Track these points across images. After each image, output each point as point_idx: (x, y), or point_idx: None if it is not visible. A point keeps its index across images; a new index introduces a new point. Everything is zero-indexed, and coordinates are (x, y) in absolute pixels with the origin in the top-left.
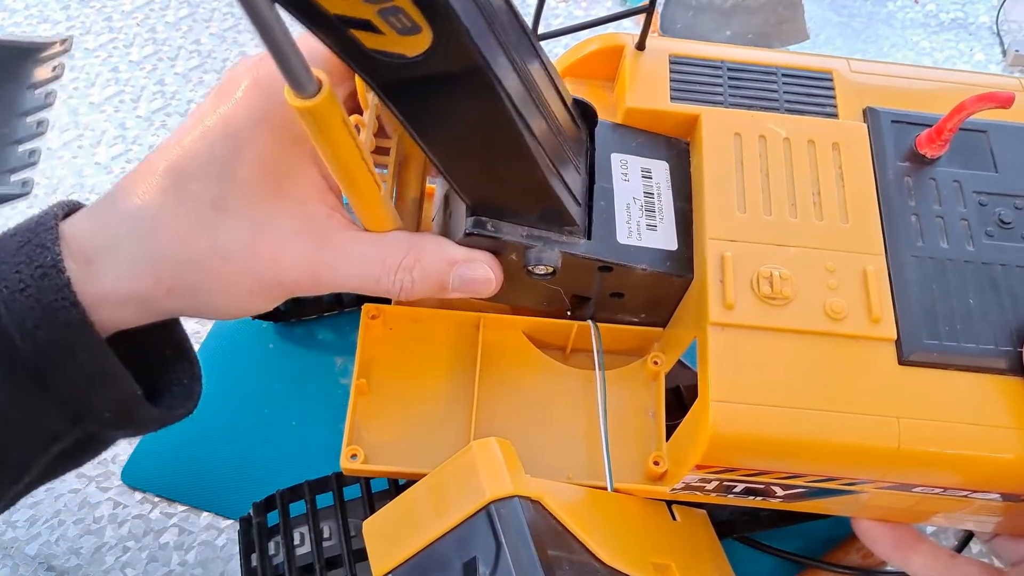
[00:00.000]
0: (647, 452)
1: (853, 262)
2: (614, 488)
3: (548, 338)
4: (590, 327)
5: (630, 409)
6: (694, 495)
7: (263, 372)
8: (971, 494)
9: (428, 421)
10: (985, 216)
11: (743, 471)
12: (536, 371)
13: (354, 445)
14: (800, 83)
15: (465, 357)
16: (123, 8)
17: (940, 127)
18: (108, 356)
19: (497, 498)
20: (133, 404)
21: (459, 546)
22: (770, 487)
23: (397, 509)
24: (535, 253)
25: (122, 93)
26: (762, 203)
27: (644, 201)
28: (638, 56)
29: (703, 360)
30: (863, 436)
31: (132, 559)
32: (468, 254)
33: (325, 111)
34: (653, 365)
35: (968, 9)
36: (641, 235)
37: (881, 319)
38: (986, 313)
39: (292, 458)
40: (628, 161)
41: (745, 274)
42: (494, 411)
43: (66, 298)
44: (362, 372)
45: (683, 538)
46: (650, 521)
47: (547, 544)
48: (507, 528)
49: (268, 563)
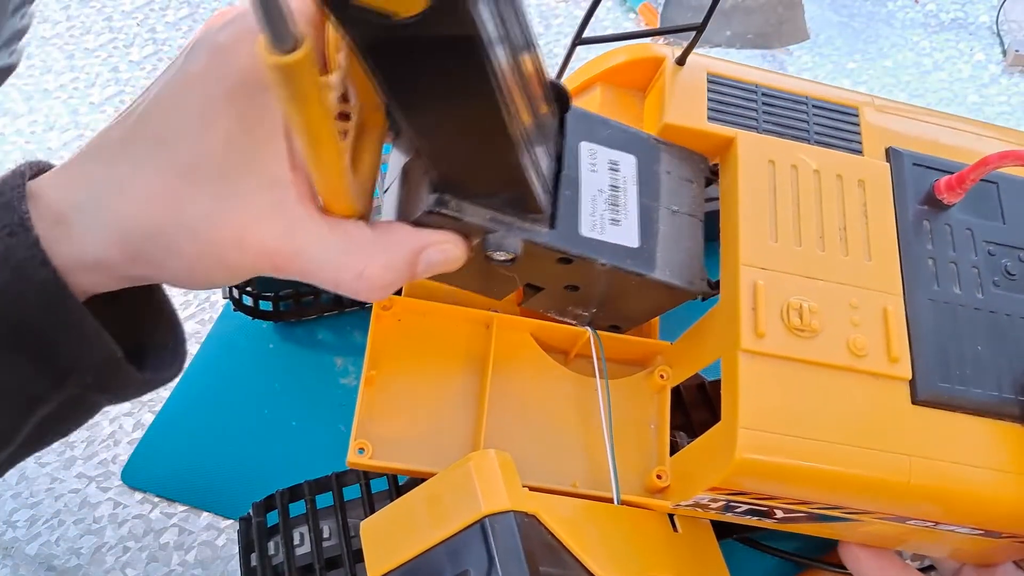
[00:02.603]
0: (647, 464)
1: (875, 300)
2: (620, 501)
3: (553, 341)
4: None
5: (631, 420)
6: (695, 511)
7: (263, 372)
8: (957, 528)
9: (436, 419)
10: (993, 266)
11: (754, 495)
12: (543, 375)
13: (362, 439)
14: (828, 116)
15: (475, 356)
16: (123, 8)
17: (962, 177)
18: (85, 316)
19: (492, 512)
20: (115, 366)
21: (452, 558)
22: (772, 510)
23: (395, 513)
24: (497, 239)
25: (122, 93)
26: (793, 233)
27: (610, 194)
28: (677, 71)
29: (731, 385)
30: (878, 470)
31: (132, 559)
32: (433, 236)
33: (302, 70)
34: (659, 379)
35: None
36: (604, 229)
37: (899, 358)
38: (994, 361)
39: (292, 458)
40: (597, 151)
41: (776, 303)
42: (503, 414)
43: (35, 256)
44: (372, 364)
45: (684, 550)
46: (650, 534)
47: (541, 560)
48: (500, 543)
49: (268, 563)
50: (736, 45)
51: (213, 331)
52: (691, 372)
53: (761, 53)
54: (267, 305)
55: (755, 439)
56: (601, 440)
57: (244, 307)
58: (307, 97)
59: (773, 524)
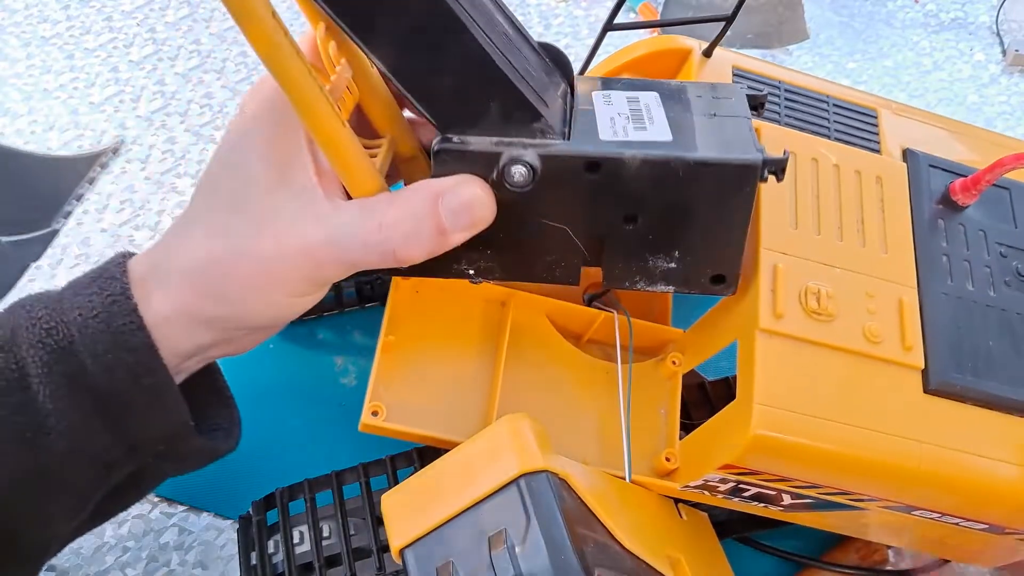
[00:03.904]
0: (656, 447)
1: (890, 291)
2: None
3: (569, 324)
4: (614, 318)
5: (642, 404)
6: (703, 495)
7: (263, 372)
8: (962, 522)
9: (450, 388)
10: (1005, 267)
11: (765, 475)
12: (557, 355)
13: (376, 402)
14: (848, 115)
15: (490, 331)
16: (123, 8)
17: (977, 178)
18: (169, 381)
19: (527, 471)
20: (185, 435)
21: (486, 519)
22: (780, 494)
23: (420, 483)
24: (509, 154)
25: (122, 93)
26: (812, 222)
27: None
28: (704, 63)
29: (747, 364)
30: (888, 454)
31: (132, 559)
32: (448, 181)
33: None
34: (672, 365)
35: (968, 9)
36: (628, 133)
37: (913, 347)
38: (1005, 356)
39: (292, 458)
40: (611, 95)
41: (794, 287)
42: (515, 388)
43: (133, 322)
44: (390, 329)
45: (690, 535)
46: (662, 515)
47: (575, 522)
48: (537, 502)
49: (268, 562)
50: (736, 45)
51: None
52: (703, 358)
53: (761, 53)
54: None
55: (770, 416)
56: (611, 421)
57: None
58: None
59: (777, 512)
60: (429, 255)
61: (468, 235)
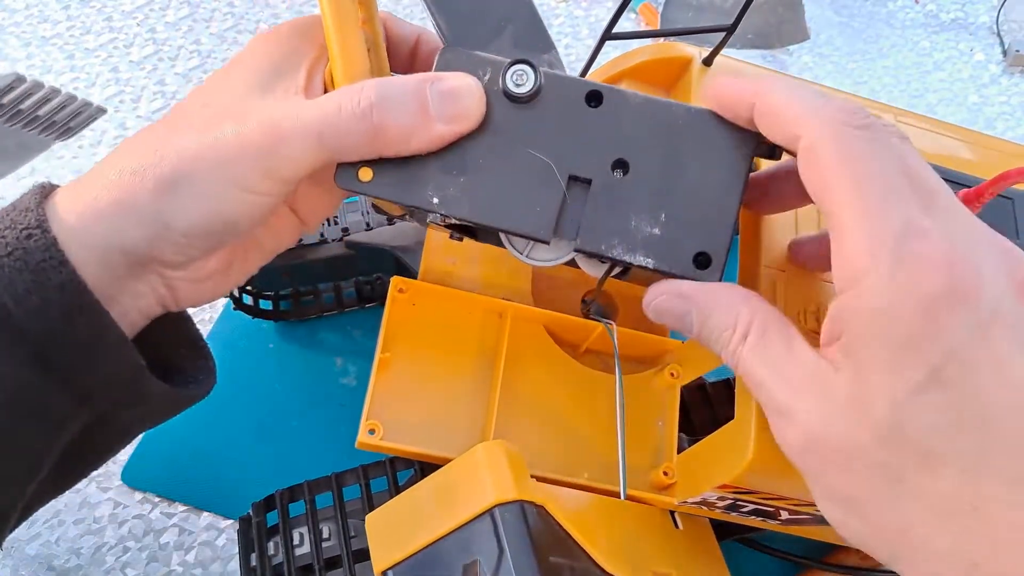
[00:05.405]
0: (654, 461)
1: None
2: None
3: (566, 335)
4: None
5: (640, 417)
6: (701, 509)
7: (263, 372)
8: None
9: (447, 405)
10: None
11: (763, 495)
12: (554, 369)
13: (373, 420)
14: None
15: (488, 345)
16: (123, 8)
17: (980, 191)
18: (106, 320)
19: (501, 502)
20: (139, 378)
21: (461, 547)
22: (778, 511)
23: (401, 505)
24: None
25: (122, 93)
26: None
27: None
28: (704, 71)
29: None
30: None
31: (132, 559)
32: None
33: None
34: (670, 376)
35: (968, 9)
36: None
37: None
38: None
39: (292, 458)
40: None
41: (794, 305)
42: (513, 403)
43: (54, 256)
44: (386, 347)
45: (685, 546)
46: (654, 528)
47: (549, 550)
48: (510, 533)
49: (267, 563)
50: (736, 45)
51: (213, 331)
52: (703, 371)
53: (761, 53)
54: (267, 304)
55: (771, 438)
56: (609, 435)
57: (244, 306)
58: None
59: (776, 526)
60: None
61: (451, 130)
